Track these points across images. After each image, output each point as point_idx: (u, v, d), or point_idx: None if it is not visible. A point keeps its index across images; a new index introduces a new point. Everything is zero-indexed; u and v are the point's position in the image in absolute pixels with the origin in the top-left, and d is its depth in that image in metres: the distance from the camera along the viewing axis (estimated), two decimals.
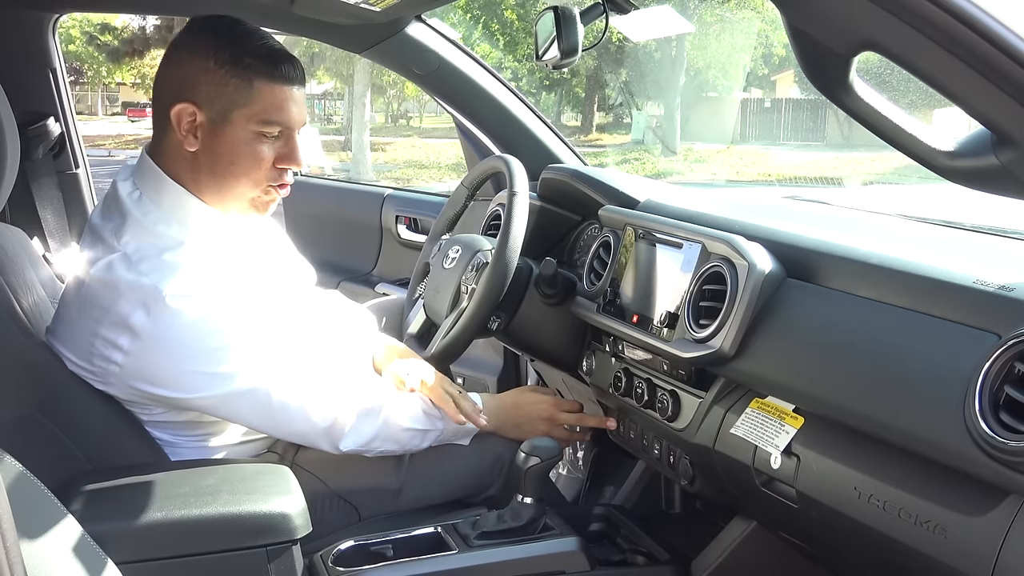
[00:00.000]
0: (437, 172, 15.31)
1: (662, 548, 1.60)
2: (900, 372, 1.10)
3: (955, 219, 1.59)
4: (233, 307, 1.48)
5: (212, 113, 1.47)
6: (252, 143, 1.49)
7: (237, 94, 1.47)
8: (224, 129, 1.48)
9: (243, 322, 1.48)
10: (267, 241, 1.69)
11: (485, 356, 2.40)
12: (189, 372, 1.45)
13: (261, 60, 1.47)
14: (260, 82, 1.47)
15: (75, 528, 1.03)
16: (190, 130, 1.48)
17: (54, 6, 2.35)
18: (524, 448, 1.54)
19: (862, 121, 0.94)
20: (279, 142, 1.51)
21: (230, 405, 1.49)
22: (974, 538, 1.01)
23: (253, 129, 1.48)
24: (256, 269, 1.59)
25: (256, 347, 1.50)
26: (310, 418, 1.53)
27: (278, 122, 1.49)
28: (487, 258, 1.73)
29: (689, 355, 1.39)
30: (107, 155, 16.48)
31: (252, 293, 1.53)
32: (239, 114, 1.47)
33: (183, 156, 1.50)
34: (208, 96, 1.47)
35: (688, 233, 1.49)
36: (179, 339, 1.44)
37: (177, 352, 1.44)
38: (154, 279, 1.42)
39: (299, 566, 1.37)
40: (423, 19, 2.17)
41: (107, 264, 1.45)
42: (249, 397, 1.49)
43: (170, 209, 1.51)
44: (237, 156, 1.49)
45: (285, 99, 1.49)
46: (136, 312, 1.42)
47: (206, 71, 1.47)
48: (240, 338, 1.48)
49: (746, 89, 18.92)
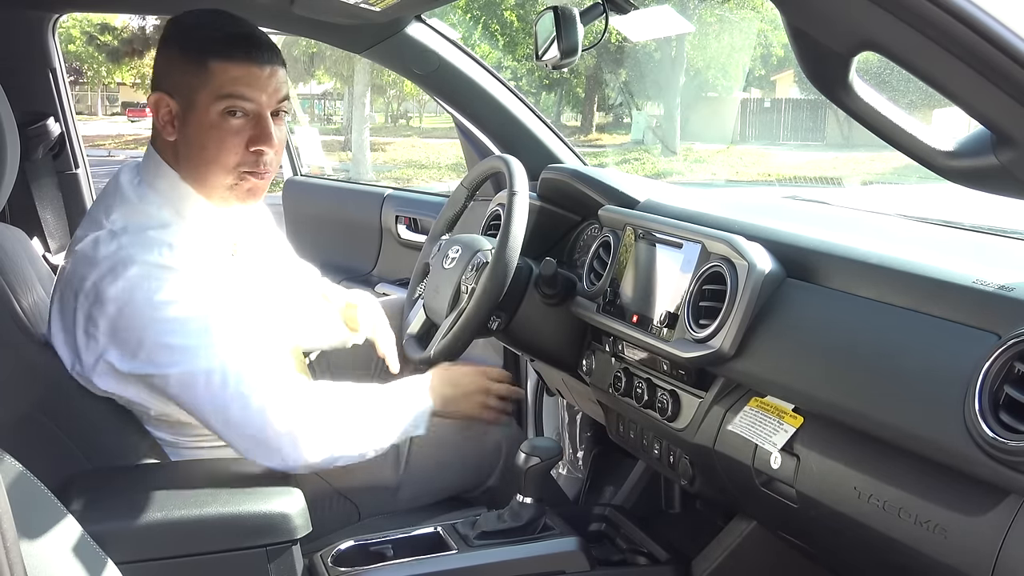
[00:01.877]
0: (437, 172, 15.30)
1: (662, 548, 1.60)
2: (900, 372, 1.10)
3: (955, 219, 1.59)
4: (208, 288, 1.47)
5: (181, 101, 1.50)
6: (219, 126, 1.49)
7: (196, 77, 1.48)
8: (193, 115, 1.50)
9: (216, 304, 1.47)
10: (257, 236, 1.69)
11: (485, 356, 2.40)
12: (157, 344, 1.43)
13: (216, 40, 1.49)
14: (214, 61, 1.48)
15: (75, 528, 1.03)
16: (168, 120, 1.51)
17: (54, 6, 2.35)
18: (524, 448, 1.54)
19: (862, 121, 0.94)
20: (248, 124, 1.50)
21: (189, 385, 1.44)
22: (974, 538, 1.01)
23: (216, 110, 1.48)
24: (239, 261, 1.60)
25: (225, 331, 1.46)
26: (268, 421, 1.45)
27: (238, 97, 1.48)
28: (487, 258, 1.73)
29: (689, 355, 1.39)
30: (107, 155, 16.47)
31: (230, 282, 1.52)
32: (201, 97, 1.48)
33: (168, 147, 1.53)
34: (175, 84, 1.50)
35: (688, 233, 1.49)
36: (149, 307, 1.42)
37: (148, 321, 1.42)
38: (131, 251, 1.44)
39: (299, 566, 1.37)
40: (423, 19, 2.17)
41: (93, 240, 1.47)
42: (208, 379, 1.44)
43: (166, 194, 1.53)
44: (206, 140, 1.50)
45: (242, 76, 1.48)
46: (109, 281, 1.43)
47: (171, 60, 1.51)
48: (210, 317, 1.45)
49: (746, 89, 18.91)
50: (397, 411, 1.60)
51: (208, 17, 1.53)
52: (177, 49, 1.51)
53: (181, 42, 1.51)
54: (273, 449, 1.46)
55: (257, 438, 1.45)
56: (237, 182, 1.53)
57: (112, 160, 14.81)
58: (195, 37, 1.50)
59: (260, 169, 1.52)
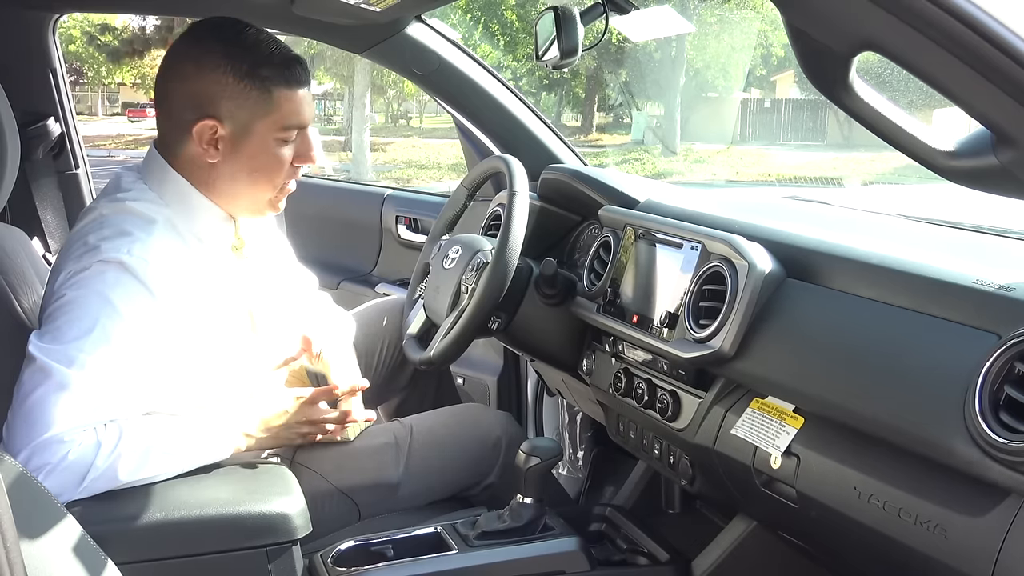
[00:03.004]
0: (437, 172, 15.30)
1: (662, 548, 1.60)
2: (900, 372, 1.10)
3: (955, 219, 1.59)
4: (148, 306, 1.41)
5: (235, 127, 1.48)
6: (274, 149, 1.50)
7: (258, 106, 1.47)
8: (247, 140, 1.49)
9: (138, 326, 1.39)
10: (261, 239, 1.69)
11: (485, 356, 2.40)
12: (68, 340, 1.36)
13: (277, 69, 1.48)
14: (279, 91, 1.48)
15: (75, 528, 1.03)
16: (211, 143, 1.48)
17: (54, 6, 2.35)
18: (524, 448, 1.54)
19: (862, 121, 0.94)
20: (295, 142, 1.53)
21: (31, 362, 1.35)
22: (974, 538, 1.01)
23: (275, 136, 1.50)
24: (243, 264, 1.59)
25: (113, 360, 1.37)
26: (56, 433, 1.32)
27: (298, 125, 1.52)
28: (487, 258, 1.73)
29: (689, 355, 1.39)
30: (107, 155, 16.48)
31: (216, 286, 1.50)
32: (262, 124, 1.48)
33: (201, 166, 1.51)
34: (229, 110, 1.47)
35: (688, 233, 1.49)
36: (84, 303, 1.38)
37: (74, 316, 1.37)
38: (98, 240, 1.43)
39: (299, 566, 1.37)
40: (423, 19, 2.17)
41: (78, 233, 1.48)
42: (47, 374, 1.34)
43: (168, 196, 1.52)
44: (260, 163, 1.50)
45: (301, 102, 1.51)
46: (71, 265, 1.42)
47: (225, 86, 1.46)
48: (116, 338, 1.37)
49: (746, 89, 18.92)
50: (198, 440, 1.45)
51: (251, 38, 1.50)
52: (232, 75, 1.46)
53: (235, 67, 1.46)
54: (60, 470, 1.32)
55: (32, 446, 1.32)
56: (277, 195, 1.55)
57: (112, 160, 14.81)
58: (251, 63, 1.47)
59: (297, 178, 1.56)
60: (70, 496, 1.32)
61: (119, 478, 1.35)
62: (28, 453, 1.31)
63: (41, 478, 1.27)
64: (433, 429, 1.78)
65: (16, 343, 1.40)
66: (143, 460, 1.36)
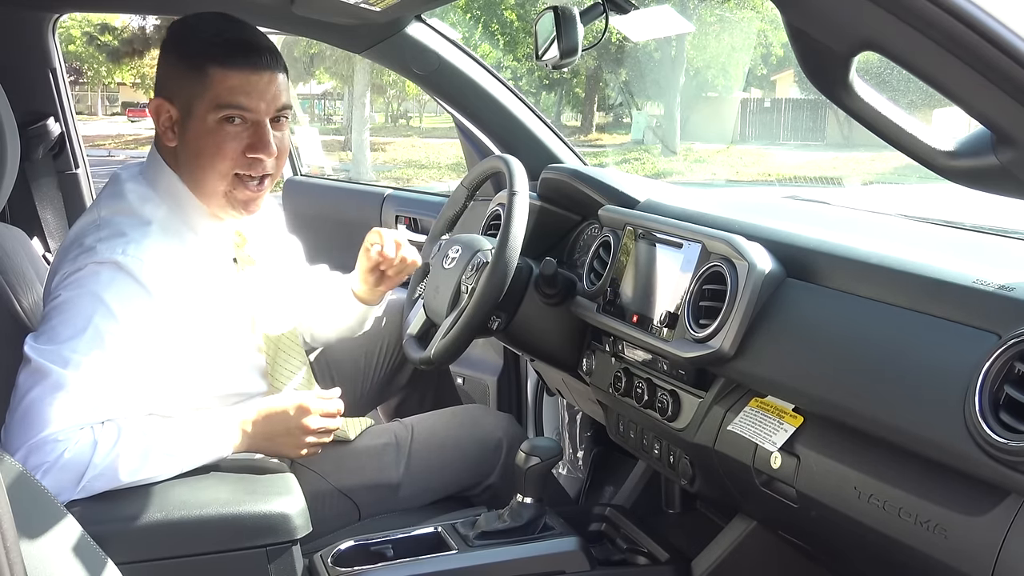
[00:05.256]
0: (437, 172, 15.30)
1: (662, 548, 1.60)
2: (900, 372, 1.10)
3: (955, 219, 1.59)
4: (142, 306, 1.41)
5: (180, 107, 1.50)
6: (215, 133, 1.49)
7: (194, 84, 1.48)
8: (191, 122, 1.50)
9: (130, 326, 1.40)
10: (264, 242, 1.69)
11: (485, 356, 2.40)
12: (62, 340, 1.37)
13: (214, 47, 1.48)
14: (213, 68, 1.47)
15: (75, 528, 1.03)
16: (168, 126, 1.51)
17: (54, 6, 2.35)
18: (524, 448, 1.54)
19: (862, 121, 0.94)
20: (246, 131, 1.50)
21: (26, 362, 1.36)
22: (974, 538, 1.01)
23: (214, 118, 1.48)
24: (241, 270, 1.59)
25: (107, 359, 1.37)
26: (51, 431, 1.32)
27: (236, 106, 1.48)
28: (487, 258, 1.73)
29: (689, 355, 1.39)
30: (107, 155, 16.47)
31: (176, 305, 1.46)
32: (199, 104, 1.48)
33: (169, 152, 1.54)
34: (173, 90, 1.50)
35: (688, 233, 1.49)
36: (77, 303, 1.39)
37: (68, 316, 1.38)
38: (95, 242, 1.43)
39: (299, 566, 1.37)
40: (423, 19, 2.17)
41: (78, 230, 1.48)
42: (43, 375, 1.34)
43: (163, 194, 1.53)
44: (202, 147, 1.50)
45: (241, 84, 1.47)
46: (67, 267, 1.43)
47: (171, 66, 1.51)
48: (108, 337, 1.37)
49: (746, 89, 18.90)
50: (199, 440, 1.45)
51: (208, 22, 1.52)
52: (176, 55, 1.51)
53: (180, 48, 1.51)
54: (55, 469, 1.32)
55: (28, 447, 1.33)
56: (231, 189, 1.52)
57: (112, 160, 14.81)
58: (194, 43, 1.49)
59: (256, 173, 1.52)
60: (69, 496, 1.32)
61: (119, 478, 1.35)
62: (24, 453, 1.31)
63: (39, 477, 1.26)
64: (434, 430, 1.79)
65: (16, 343, 1.40)
66: (143, 460, 1.37)
